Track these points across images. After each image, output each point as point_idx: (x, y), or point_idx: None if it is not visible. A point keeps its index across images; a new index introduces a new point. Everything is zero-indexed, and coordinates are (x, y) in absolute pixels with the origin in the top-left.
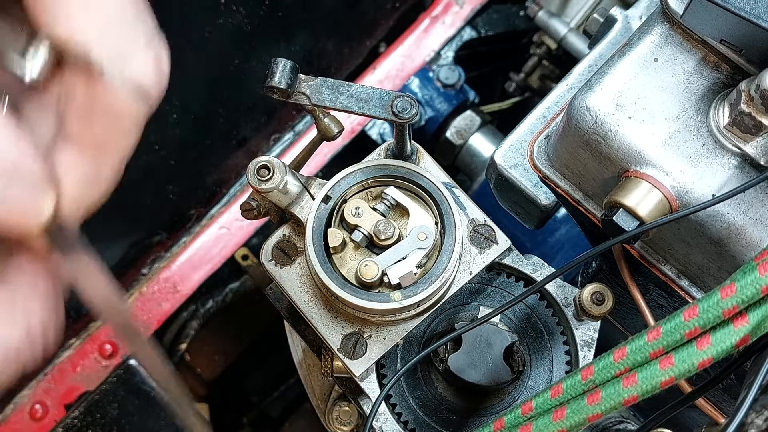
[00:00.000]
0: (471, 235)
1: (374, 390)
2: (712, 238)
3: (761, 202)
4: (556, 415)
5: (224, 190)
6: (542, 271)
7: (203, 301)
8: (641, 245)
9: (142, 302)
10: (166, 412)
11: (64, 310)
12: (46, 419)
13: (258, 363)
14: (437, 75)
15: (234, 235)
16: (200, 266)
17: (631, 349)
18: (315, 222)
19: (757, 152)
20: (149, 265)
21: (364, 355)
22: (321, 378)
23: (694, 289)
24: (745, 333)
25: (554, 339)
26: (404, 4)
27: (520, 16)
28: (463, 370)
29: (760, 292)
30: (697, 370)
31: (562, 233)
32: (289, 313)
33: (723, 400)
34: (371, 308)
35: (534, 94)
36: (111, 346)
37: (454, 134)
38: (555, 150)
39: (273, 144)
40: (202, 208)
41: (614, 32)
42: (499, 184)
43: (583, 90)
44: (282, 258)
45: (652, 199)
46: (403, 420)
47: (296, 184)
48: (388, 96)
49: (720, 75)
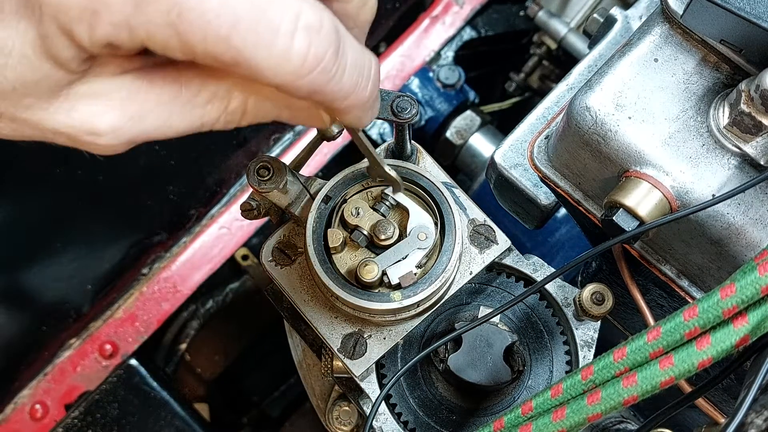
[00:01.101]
0: (471, 235)
1: (374, 390)
2: (712, 238)
3: (761, 202)
4: (556, 415)
5: (224, 190)
6: (542, 271)
7: (203, 301)
8: (641, 245)
9: (142, 302)
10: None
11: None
12: (46, 419)
13: (258, 363)
14: (437, 75)
15: (234, 235)
16: (200, 266)
17: (631, 349)
18: (315, 222)
19: (757, 152)
20: (149, 265)
21: (364, 355)
22: (321, 378)
23: (694, 289)
24: (745, 333)
25: (554, 339)
26: (404, 4)
27: (520, 16)
28: (463, 370)
29: (759, 292)
30: (697, 370)
31: (562, 233)
32: (289, 313)
33: (723, 400)
34: (371, 308)
35: (534, 94)
36: (111, 346)
37: (454, 134)
38: (555, 150)
39: (273, 144)
40: (202, 208)
41: (614, 32)
42: (499, 184)
43: (583, 90)
44: (282, 258)
45: (652, 199)
46: (403, 420)
47: (296, 184)
48: (388, 96)
49: (720, 75)
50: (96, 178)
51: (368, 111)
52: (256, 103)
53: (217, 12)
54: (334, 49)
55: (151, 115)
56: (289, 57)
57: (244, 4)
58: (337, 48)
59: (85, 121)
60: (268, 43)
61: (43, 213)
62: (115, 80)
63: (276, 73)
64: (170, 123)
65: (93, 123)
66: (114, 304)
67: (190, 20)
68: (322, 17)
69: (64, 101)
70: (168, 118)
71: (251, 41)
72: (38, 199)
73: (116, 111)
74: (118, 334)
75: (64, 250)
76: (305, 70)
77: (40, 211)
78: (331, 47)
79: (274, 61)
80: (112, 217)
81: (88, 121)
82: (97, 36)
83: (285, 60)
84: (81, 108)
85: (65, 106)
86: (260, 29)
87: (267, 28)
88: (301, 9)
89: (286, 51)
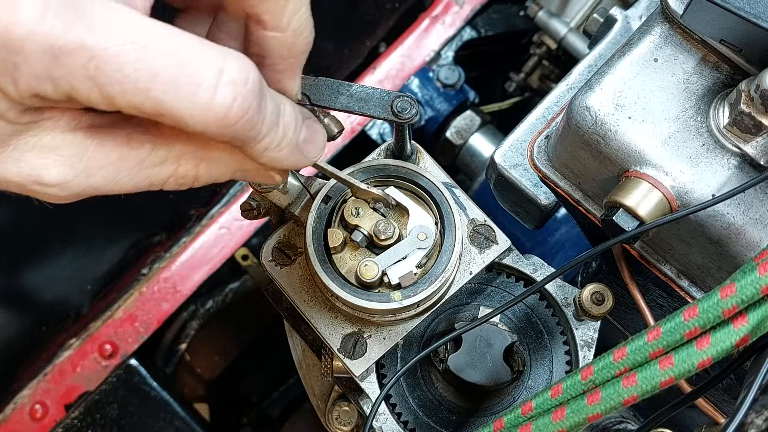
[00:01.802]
0: (471, 235)
1: (374, 390)
2: (712, 238)
3: (761, 202)
4: (556, 415)
5: (224, 190)
6: (542, 271)
7: (203, 301)
8: (641, 245)
9: (142, 302)
10: (166, 412)
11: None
12: (46, 419)
13: (258, 363)
14: (437, 75)
15: (234, 235)
16: (200, 266)
17: (631, 349)
18: (315, 222)
19: (757, 152)
20: (149, 265)
21: (364, 355)
22: (321, 378)
23: (694, 289)
24: (745, 333)
25: (554, 339)
26: (404, 4)
27: (520, 16)
28: (463, 370)
29: (759, 292)
30: (697, 370)
31: (562, 233)
32: (289, 313)
33: (723, 400)
34: (371, 308)
35: (534, 94)
36: (111, 346)
37: (454, 134)
38: (555, 150)
39: None
40: (202, 208)
41: (614, 32)
42: (499, 184)
43: (583, 90)
44: (282, 258)
45: (652, 199)
46: (403, 420)
47: (296, 184)
48: (388, 96)
49: (720, 75)
50: None
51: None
52: (208, 168)
53: (134, 65)
54: (257, 102)
55: (100, 173)
56: (212, 109)
57: (164, 59)
58: (260, 101)
59: (33, 172)
60: (190, 96)
61: (43, 213)
62: (65, 135)
63: (198, 123)
64: (118, 181)
65: (41, 175)
66: (114, 305)
67: (108, 73)
68: (248, 71)
69: (14, 151)
70: (116, 176)
71: (172, 94)
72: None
73: (64, 166)
74: (118, 334)
75: (64, 250)
76: (229, 121)
77: (40, 212)
78: (255, 100)
79: (197, 112)
80: (112, 217)
81: (36, 172)
82: (22, 88)
83: (208, 112)
84: (29, 159)
85: (14, 156)
86: (181, 83)
87: (188, 82)
88: (225, 64)
89: (208, 104)
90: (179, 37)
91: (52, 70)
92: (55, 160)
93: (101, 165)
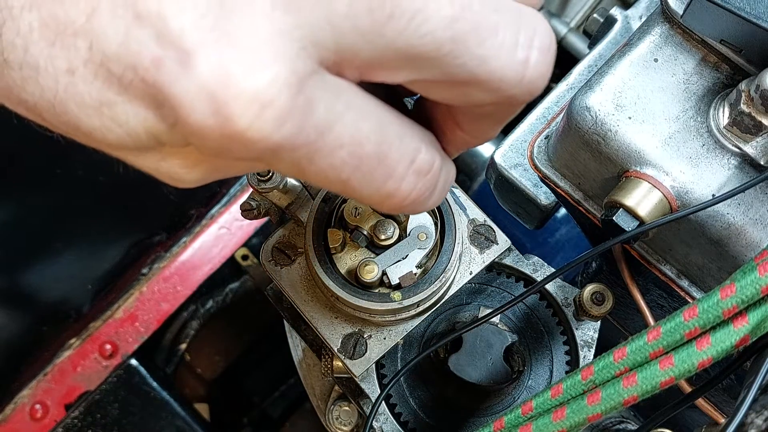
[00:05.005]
0: (471, 235)
1: (374, 390)
2: (712, 238)
3: (761, 202)
4: (556, 415)
5: (224, 190)
6: (542, 271)
7: (203, 301)
8: (641, 245)
9: (142, 302)
10: (166, 412)
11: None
12: (46, 419)
13: (258, 363)
14: None
15: (234, 235)
16: (200, 266)
17: (631, 349)
18: (315, 222)
19: (757, 152)
20: (149, 265)
21: (364, 356)
22: (321, 378)
23: (694, 289)
24: (745, 333)
25: (554, 339)
26: None
27: None
28: (463, 370)
29: (760, 292)
30: (697, 370)
31: (562, 233)
32: (289, 313)
33: (723, 400)
34: (371, 308)
35: None
36: (111, 346)
37: None
38: (555, 150)
39: None
40: (202, 208)
41: (614, 32)
42: (499, 184)
43: (583, 90)
44: (282, 258)
45: (652, 199)
46: (403, 420)
47: (296, 184)
48: None
49: (720, 75)
50: (96, 178)
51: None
52: None
53: (343, 159)
54: (432, 190)
55: (234, 169)
56: (392, 197)
57: (368, 147)
58: (434, 187)
59: (172, 172)
60: (378, 185)
61: (43, 213)
62: None
63: (372, 203)
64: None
65: (179, 175)
66: (114, 304)
67: (316, 163)
68: (433, 160)
69: (156, 153)
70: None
71: (364, 183)
72: (38, 199)
73: (204, 167)
74: (118, 334)
75: (65, 250)
76: (402, 204)
77: (40, 211)
78: (431, 188)
79: (376, 198)
80: (113, 217)
81: (174, 172)
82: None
83: (387, 199)
84: (171, 160)
85: (155, 157)
86: (376, 175)
87: (382, 174)
88: (418, 151)
89: (389, 194)
90: (387, 118)
91: (263, 159)
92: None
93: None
